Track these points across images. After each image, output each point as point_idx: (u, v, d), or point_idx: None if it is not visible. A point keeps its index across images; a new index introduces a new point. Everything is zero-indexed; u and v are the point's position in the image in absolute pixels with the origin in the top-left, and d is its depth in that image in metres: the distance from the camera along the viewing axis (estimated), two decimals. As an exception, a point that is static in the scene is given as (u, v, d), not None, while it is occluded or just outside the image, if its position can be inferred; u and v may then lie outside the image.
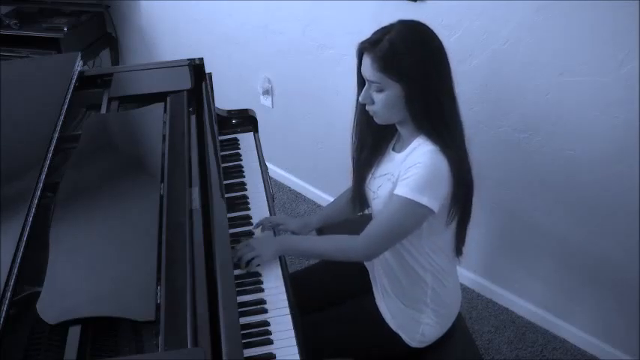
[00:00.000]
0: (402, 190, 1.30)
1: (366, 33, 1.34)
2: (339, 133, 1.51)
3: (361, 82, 1.37)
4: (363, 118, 1.43)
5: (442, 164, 1.30)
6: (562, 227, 1.98)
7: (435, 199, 1.29)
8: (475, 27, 1.90)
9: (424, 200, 1.28)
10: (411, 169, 1.30)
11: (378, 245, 1.37)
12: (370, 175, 1.49)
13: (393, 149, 1.46)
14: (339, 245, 1.43)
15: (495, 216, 2.15)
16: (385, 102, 1.32)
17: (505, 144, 2.00)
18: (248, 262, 1.39)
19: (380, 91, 1.31)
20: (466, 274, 2.35)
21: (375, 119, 1.38)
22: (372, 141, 1.47)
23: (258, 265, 1.41)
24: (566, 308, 2.13)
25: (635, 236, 1.79)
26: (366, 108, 1.37)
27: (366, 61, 1.31)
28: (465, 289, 2.35)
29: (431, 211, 1.29)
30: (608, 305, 1.99)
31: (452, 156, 1.30)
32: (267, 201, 1.67)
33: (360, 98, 1.37)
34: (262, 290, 1.37)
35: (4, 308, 0.98)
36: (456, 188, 1.32)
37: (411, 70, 1.28)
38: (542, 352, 2.12)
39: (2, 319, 0.97)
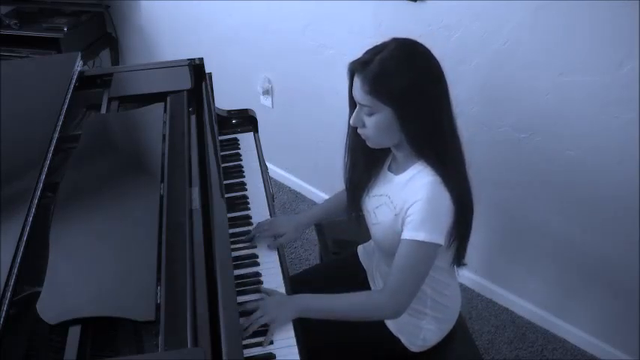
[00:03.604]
0: (413, 234, 1.25)
1: (366, 33, 1.30)
2: (339, 133, 1.50)
3: (353, 103, 1.31)
4: (356, 139, 1.37)
5: (444, 197, 1.25)
6: (562, 227, 1.98)
7: (442, 233, 1.26)
8: (475, 27, 1.90)
9: (434, 238, 1.24)
10: (414, 206, 1.25)
11: (407, 296, 1.29)
12: (365, 193, 1.45)
13: (389, 169, 1.41)
14: (363, 305, 1.33)
15: (495, 216, 2.15)
16: (376, 126, 1.26)
17: (505, 144, 2.00)
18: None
19: (371, 114, 1.25)
20: (466, 274, 2.35)
21: (367, 143, 1.32)
22: (366, 162, 1.41)
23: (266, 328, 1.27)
24: (566, 308, 2.13)
25: (635, 236, 1.79)
26: (358, 131, 1.31)
27: (357, 82, 1.24)
28: (465, 289, 2.35)
29: (440, 245, 1.27)
30: (608, 305, 1.99)
31: (453, 186, 1.26)
32: (267, 201, 1.67)
33: (350, 121, 1.31)
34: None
35: (4, 308, 0.98)
36: (458, 215, 1.28)
37: (403, 93, 1.21)
38: (542, 352, 2.12)
39: (2, 319, 0.97)
